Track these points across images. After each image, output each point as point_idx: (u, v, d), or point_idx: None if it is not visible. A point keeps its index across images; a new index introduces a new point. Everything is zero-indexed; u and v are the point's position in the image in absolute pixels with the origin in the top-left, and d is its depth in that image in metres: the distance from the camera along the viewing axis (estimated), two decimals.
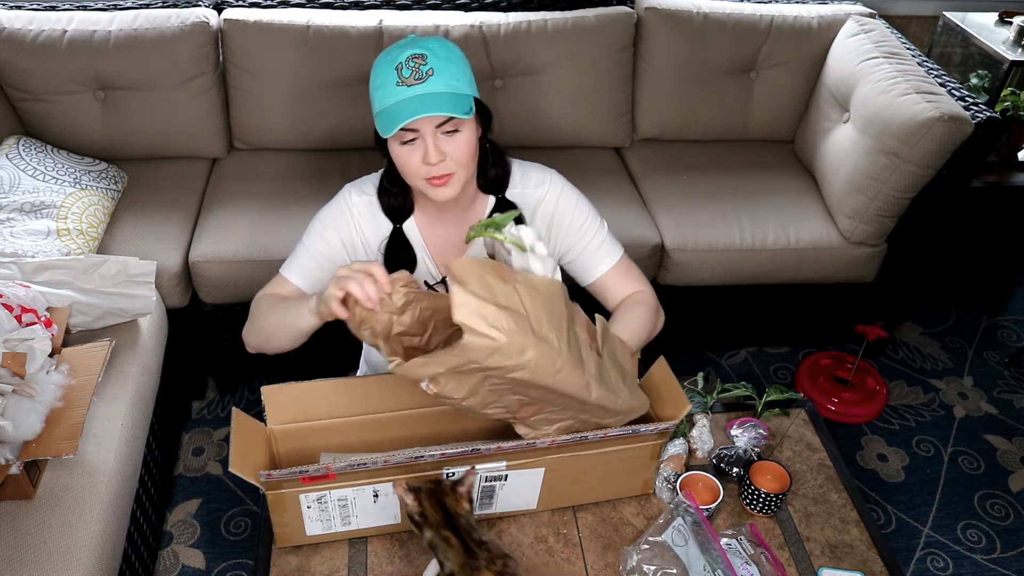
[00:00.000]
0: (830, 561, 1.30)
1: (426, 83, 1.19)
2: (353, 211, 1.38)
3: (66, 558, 1.39)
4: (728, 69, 2.53)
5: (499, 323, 0.94)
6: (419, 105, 1.19)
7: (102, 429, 1.61)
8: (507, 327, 0.95)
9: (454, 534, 1.05)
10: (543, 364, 0.99)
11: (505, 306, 0.96)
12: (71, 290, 1.75)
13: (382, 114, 1.22)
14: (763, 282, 2.35)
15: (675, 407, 1.27)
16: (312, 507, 1.20)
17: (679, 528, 1.26)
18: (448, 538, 1.05)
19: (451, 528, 1.05)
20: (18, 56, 2.20)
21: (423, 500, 1.08)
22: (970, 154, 2.15)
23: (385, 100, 1.21)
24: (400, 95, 1.19)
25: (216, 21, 2.30)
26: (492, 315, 0.94)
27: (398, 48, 1.22)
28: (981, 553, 2.09)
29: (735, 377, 2.55)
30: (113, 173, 2.23)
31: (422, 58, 1.20)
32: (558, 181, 1.42)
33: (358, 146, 2.46)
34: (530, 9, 2.48)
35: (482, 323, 0.93)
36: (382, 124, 1.22)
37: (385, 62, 1.23)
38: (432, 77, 1.19)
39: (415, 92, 1.19)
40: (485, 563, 1.02)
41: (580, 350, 1.06)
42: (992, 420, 2.49)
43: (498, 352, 0.95)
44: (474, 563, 1.02)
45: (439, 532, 1.06)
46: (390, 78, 1.20)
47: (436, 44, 1.23)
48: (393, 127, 1.19)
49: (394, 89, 1.20)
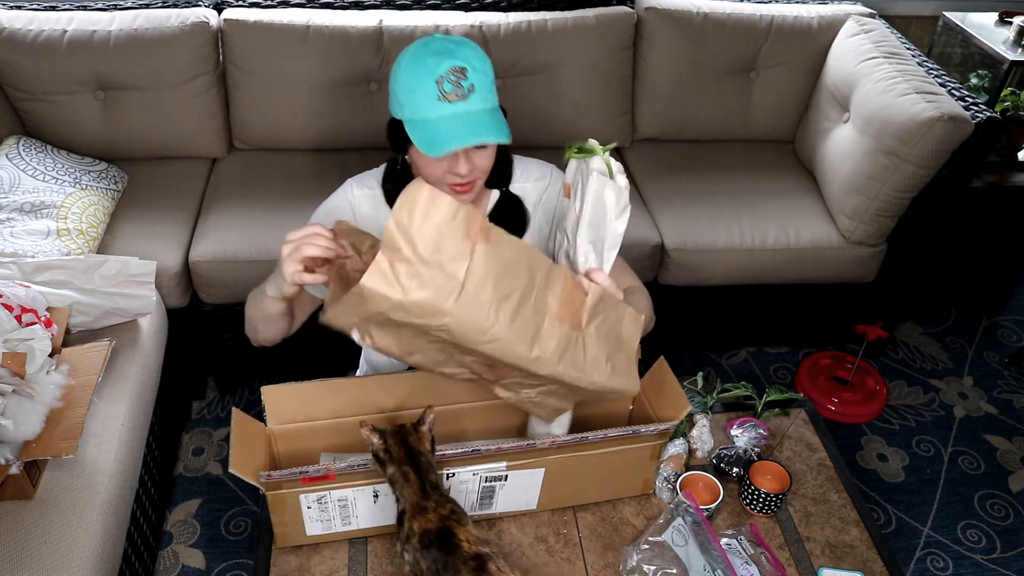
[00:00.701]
0: (830, 561, 1.30)
1: (468, 100, 1.17)
2: (354, 204, 1.39)
3: (66, 558, 1.39)
4: (728, 69, 2.53)
5: (404, 280, 0.92)
6: (465, 128, 1.17)
7: (102, 429, 1.61)
8: (412, 285, 0.92)
9: (413, 470, 1.10)
10: (467, 330, 0.96)
11: (430, 261, 0.93)
12: (71, 290, 1.75)
13: (421, 126, 1.19)
14: (763, 282, 2.35)
15: (675, 408, 1.28)
16: (312, 507, 1.21)
17: (679, 528, 1.26)
18: (407, 473, 1.10)
19: (411, 464, 1.11)
20: (18, 56, 2.20)
21: (388, 438, 1.13)
22: (970, 154, 2.15)
23: (424, 111, 1.18)
24: (441, 111, 1.17)
25: (216, 21, 2.30)
26: (404, 272, 0.92)
27: (433, 55, 1.17)
28: (981, 553, 2.09)
29: (735, 377, 2.55)
30: (113, 173, 2.23)
31: (463, 73, 1.17)
32: (558, 175, 1.43)
33: (358, 146, 2.46)
34: (530, 9, 2.48)
35: (382, 278, 0.91)
36: (421, 138, 1.18)
37: (422, 69, 1.17)
38: (473, 94, 1.17)
39: (456, 110, 1.17)
40: (434, 505, 1.08)
41: (540, 321, 1.02)
42: (992, 420, 2.49)
43: (401, 308, 0.93)
44: (424, 503, 1.08)
45: (400, 468, 1.11)
46: (430, 90, 1.16)
47: (471, 53, 1.19)
48: (440, 148, 1.17)
49: (435, 104, 1.17)
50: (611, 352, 1.11)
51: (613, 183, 1.09)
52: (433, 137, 1.17)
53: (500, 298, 0.98)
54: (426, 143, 1.18)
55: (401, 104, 1.21)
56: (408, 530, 1.07)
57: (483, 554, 1.04)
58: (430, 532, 1.05)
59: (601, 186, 1.10)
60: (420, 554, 1.05)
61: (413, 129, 1.19)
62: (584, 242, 1.13)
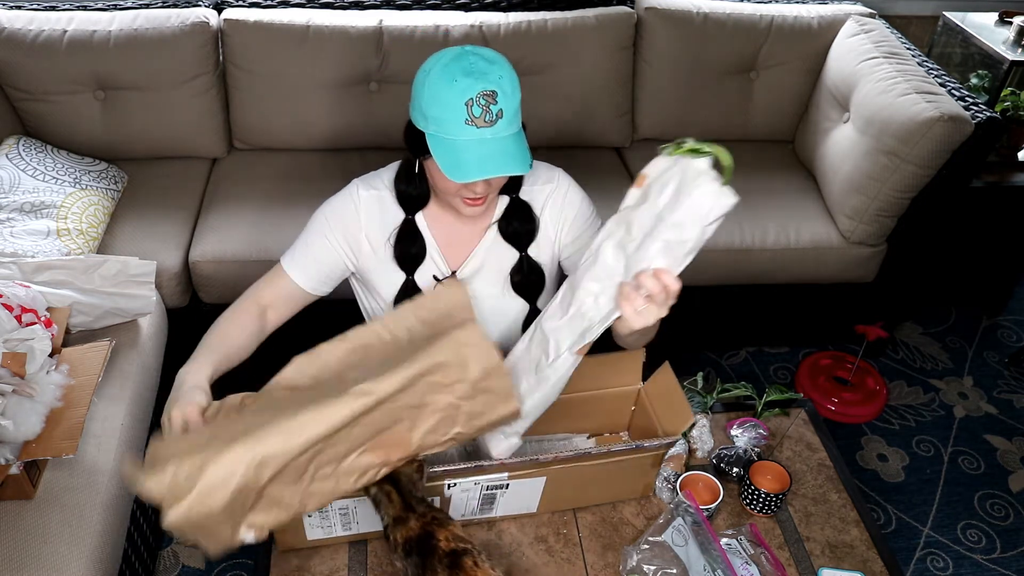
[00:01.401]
0: (830, 561, 1.30)
1: (495, 126, 1.16)
2: (360, 206, 1.38)
3: (66, 558, 1.39)
4: (728, 69, 2.52)
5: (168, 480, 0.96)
6: (491, 158, 1.17)
7: (102, 429, 1.61)
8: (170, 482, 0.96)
9: (395, 489, 1.10)
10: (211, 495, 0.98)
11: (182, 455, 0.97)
12: (71, 290, 1.75)
13: (446, 147, 1.17)
14: (763, 282, 2.35)
15: (678, 420, 1.27)
16: (313, 515, 1.20)
17: (679, 528, 1.26)
18: (389, 493, 1.10)
19: (392, 484, 1.10)
20: (18, 56, 2.20)
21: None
22: (970, 154, 2.15)
23: (450, 131, 1.17)
24: (468, 135, 1.16)
25: (216, 21, 2.30)
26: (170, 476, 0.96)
27: (466, 75, 1.15)
28: (981, 553, 2.09)
29: (735, 377, 2.55)
30: (113, 173, 2.23)
31: (493, 97, 1.15)
32: (564, 178, 1.43)
33: (358, 146, 2.46)
34: (530, 9, 2.48)
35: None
36: (446, 161, 1.17)
37: (452, 88, 1.15)
38: (501, 120, 1.16)
39: (484, 136, 1.16)
40: (417, 515, 1.08)
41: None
42: (992, 420, 2.49)
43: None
44: (406, 515, 1.08)
45: (381, 488, 1.10)
46: (458, 112, 1.15)
47: (503, 74, 1.17)
48: (466, 176, 1.16)
49: (462, 127, 1.16)
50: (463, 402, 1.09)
51: (726, 191, 1.00)
52: (458, 163, 1.17)
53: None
54: (451, 168, 1.17)
55: (425, 116, 1.19)
56: (394, 540, 1.08)
57: (458, 549, 1.04)
58: (411, 539, 1.06)
59: (712, 190, 1.00)
60: (405, 561, 1.06)
61: (437, 148, 1.18)
62: (659, 240, 1.04)
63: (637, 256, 1.06)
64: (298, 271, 1.39)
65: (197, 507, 0.96)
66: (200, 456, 0.96)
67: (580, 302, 1.11)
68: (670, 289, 1.03)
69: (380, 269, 1.40)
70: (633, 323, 1.05)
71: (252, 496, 1.00)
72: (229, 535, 1.03)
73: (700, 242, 1.03)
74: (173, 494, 0.95)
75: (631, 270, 1.06)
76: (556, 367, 1.14)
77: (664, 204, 1.03)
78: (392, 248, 1.38)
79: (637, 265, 1.05)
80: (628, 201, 1.09)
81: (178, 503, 0.95)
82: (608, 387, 1.38)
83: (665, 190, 1.03)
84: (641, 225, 1.06)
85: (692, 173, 1.01)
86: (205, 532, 1.00)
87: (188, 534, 0.99)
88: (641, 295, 1.03)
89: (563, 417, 1.37)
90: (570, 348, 1.12)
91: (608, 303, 1.08)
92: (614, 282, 1.08)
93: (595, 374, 1.35)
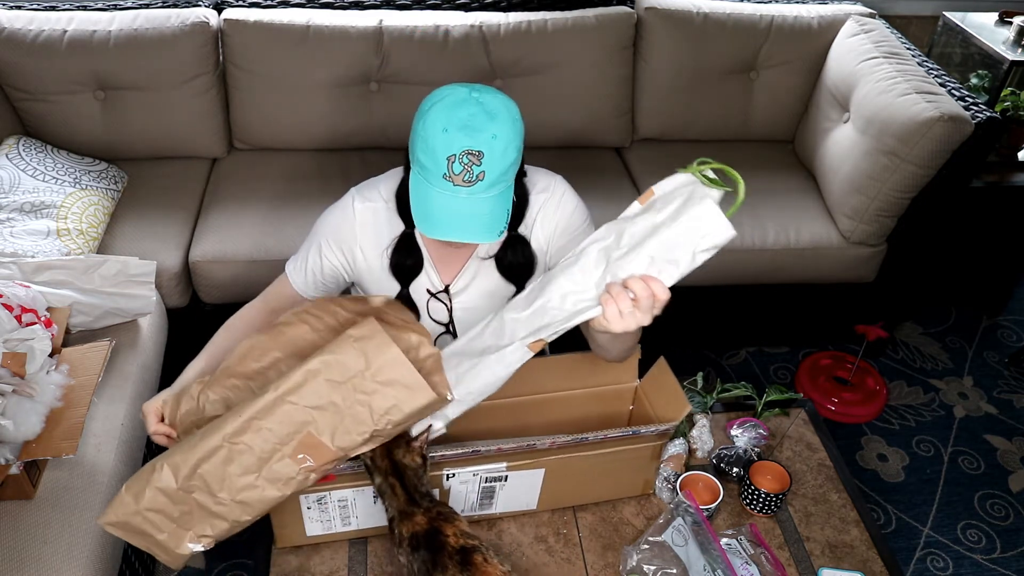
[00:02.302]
0: (830, 561, 1.30)
1: (473, 187, 1.14)
2: (357, 219, 1.36)
3: (66, 558, 1.39)
4: (728, 69, 2.53)
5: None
6: (459, 219, 1.15)
7: (102, 429, 1.61)
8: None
9: (399, 482, 1.10)
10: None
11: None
12: (71, 290, 1.75)
13: (420, 193, 1.17)
14: (763, 282, 2.35)
15: (675, 408, 1.27)
16: (312, 508, 1.21)
17: (679, 528, 1.26)
18: (394, 485, 1.10)
19: (397, 476, 1.10)
20: (18, 56, 2.20)
21: (374, 450, 1.11)
22: (970, 154, 2.15)
23: (428, 178, 1.15)
24: (443, 188, 1.14)
25: (216, 21, 2.30)
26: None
27: (457, 129, 1.12)
28: (981, 553, 2.09)
29: (735, 377, 2.55)
30: (113, 173, 2.23)
31: (477, 157, 1.12)
32: (561, 185, 1.41)
33: (358, 146, 2.46)
34: (530, 9, 2.48)
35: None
36: (417, 209, 1.17)
37: (439, 138, 1.12)
38: (480, 182, 1.13)
39: (457, 195, 1.14)
40: (423, 509, 1.08)
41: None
42: (992, 420, 2.49)
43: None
44: (411, 509, 1.08)
45: (387, 479, 1.10)
46: (439, 164, 1.13)
47: (498, 131, 1.13)
48: (429, 231, 1.16)
49: (439, 179, 1.14)
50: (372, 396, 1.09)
51: (727, 222, 0.98)
52: (427, 214, 1.16)
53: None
54: (419, 217, 1.17)
55: (415, 153, 1.18)
56: (399, 535, 1.08)
57: (469, 546, 1.04)
58: (418, 535, 1.06)
59: (711, 218, 0.98)
60: (411, 556, 1.06)
61: (415, 190, 1.18)
62: (647, 255, 1.02)
63: (620, 264, 1.03)
64: (300, 279, 1.42)
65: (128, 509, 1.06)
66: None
67: (547, 297, 1.09)
68: (658, 297, 1.01)
69: (375, 279, 1.40)
70: (613, 326, 1.03)
71: (181, 506, 1.06)
72: (174, 545, 1.08)
73: (690, 268, 1.01)
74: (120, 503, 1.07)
75: (609, 278, 1.04)
76: (504, 356, 1.12)
77: (662, 220, 1.01)
78: (388, 259, 1.38)
79: (618, 274, 1.03)
80: (628, 212, 1.07)
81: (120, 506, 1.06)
82: (605, 385, 1.38)
83: (668, 207, 1.02)
84: (632, 235, 1.04)
85: (699, 195, 0.99)
86: (145, 539, 1.07)
87: (125, 538, 1.08)
88: (628, 297, 1.01)
89: (562, 416, 1.38)
90: (523, 339, 1.10)
91: (575, 305, 1.06)
92: (588, 285, 1.06)
93: (592, 372, 1.36)
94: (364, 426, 1.07)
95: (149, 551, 1.08)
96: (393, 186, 1.36)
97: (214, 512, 1.07)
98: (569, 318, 1.07)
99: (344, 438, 1.07)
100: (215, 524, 1.07)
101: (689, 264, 1.01)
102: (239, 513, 1.07)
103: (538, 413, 1.37)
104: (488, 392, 1.15)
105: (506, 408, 1.33)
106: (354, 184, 1.41)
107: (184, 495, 1.05)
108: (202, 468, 1.05)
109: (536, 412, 1.37)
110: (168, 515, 1.06)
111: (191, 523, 1.07)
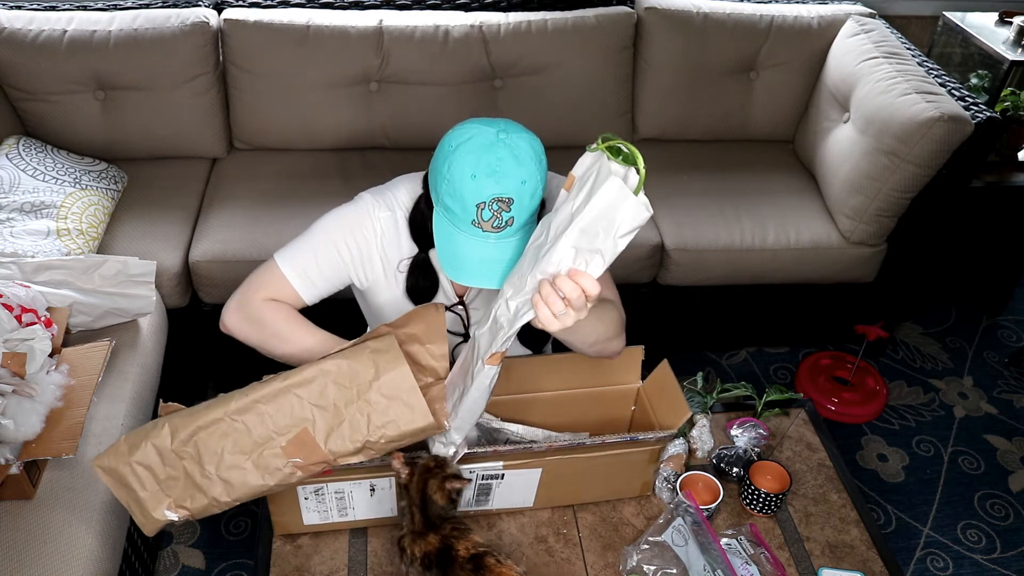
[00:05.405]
0: (830, 561, 1.30)
1: (502, 232, 1.14)
2: (377, 227, 1.32)
3: (66, 558, 1.39)
4: (728, 69, 2.53)
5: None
6: (488, 264, 1.14)
7: (102, 429, 1.61)
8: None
9: (420, 513, 1.11)
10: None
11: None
12: (71, 290, 1.75)
13: (447, 237, 1.17)
14: (763, 282, 2.35)
15: (676, 414, 1.27)
16: (309, 498, 1.22)
17: (679, 528, 1.26)
18: (414, 514, 1.12)
19: (421, 508, 1.11)
20: (18, 56, 2.20)
21: (414, 475, 1.13)
22: (970, 154, 2.15)
23: (456, 221, 1.15)
24: (472, 234, 1.14)
25: (216, 21, 2.30)
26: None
27: (486, 175, 1.10)
28: (981, 553, 2.09)
29: (735, 377, 2.55)
30: (113, 173, 2.23)
31: (507, 204, 1.11)
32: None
33: (358, 146, 2.46)
34: (530, 9, 2.48)
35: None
36: (444, 253, 1.17)
37: (468, 183, 1.10)
38: (509, 227, 1.13)
39: (487, 241, 1.14)
40: (436, 530, 1.10)
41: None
42: (992, 420, 2.49)
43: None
44: (426, 530, 1.10)
45: (411, 507, 1.12)
46: (468, 210, 1.12)
47: (527, 178, 1.11)
48: (458, 277, 1.16)
49: (468, 225, 1.14)
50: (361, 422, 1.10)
51: (636, 200, 0.95)
52: (455, 258, 1.16)
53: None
54: (447, 261, 1.16)
55: (438, 192, 1.16)
56: (411, 554, 1.09)
57: (479, 552, 1.05)
58: (430, 554, 1.07)
59: (620, 199, 0.95)
60: (423, 574, 1.08)
61: (440, 232, 1.17)
62: (567, 246, 0.99)
63: (547, 259, 1.00)
64: (300, 280, 1.32)
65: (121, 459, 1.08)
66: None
67: (497, 305, 1.08)
68: (589, 294, 0.99)
69: (388, 295, 1.37)
70: (550, 327, 1.02)
71: (170, 469, 1.08)
72: (152, 506, 1.09)
73: (615, 254, 0.98)
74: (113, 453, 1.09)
75: (539, 275, 1.01)
76: (477, 376, 1.10)
77: (578, 206, 0.98)
78: (404, 279, 1.35)
79: (546, 269, 1.00)
80: (557, 202, 1.05)
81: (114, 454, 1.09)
82: (607, 385, 1.38)
83: (582, 191, 0.99)
84: (557, 226, 1.01)
85: (604, 174, 0.97)
86: (127, 492, 1.09)
87: (110, 485, 1.10)
88: (558, 297, 0.99)
89: (564, 416, 1.38)
90: (483, 356, 1.08)
91: (516, 309, 1.05)
92: (522, 285, 1.04)
93: (595, 373, 1.36)
94: (359, 434, 1.08)
95: (128, 507, 1.10)
96: (407, 202, 1.33)
97: (197, 484, 1.08)
98: (513, 321, 1.05)
99: (337, 442, 1.08)
100: (195, 497, 1.09)
101: (613, 252, 0.98)
102: (220, 491, 1.08)
103: (540, 412, 1.37)
104: (477, 413, 1.15)
105: (509, 406, 1.33)
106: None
107: (175, 459, 1.07)
108: (199, 436, 1.07)
109: (538, 411, 1.37)
110: (155, 475, 1.08)
111: (173, 490, 1.08)
